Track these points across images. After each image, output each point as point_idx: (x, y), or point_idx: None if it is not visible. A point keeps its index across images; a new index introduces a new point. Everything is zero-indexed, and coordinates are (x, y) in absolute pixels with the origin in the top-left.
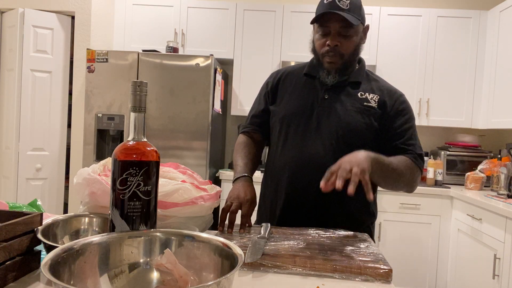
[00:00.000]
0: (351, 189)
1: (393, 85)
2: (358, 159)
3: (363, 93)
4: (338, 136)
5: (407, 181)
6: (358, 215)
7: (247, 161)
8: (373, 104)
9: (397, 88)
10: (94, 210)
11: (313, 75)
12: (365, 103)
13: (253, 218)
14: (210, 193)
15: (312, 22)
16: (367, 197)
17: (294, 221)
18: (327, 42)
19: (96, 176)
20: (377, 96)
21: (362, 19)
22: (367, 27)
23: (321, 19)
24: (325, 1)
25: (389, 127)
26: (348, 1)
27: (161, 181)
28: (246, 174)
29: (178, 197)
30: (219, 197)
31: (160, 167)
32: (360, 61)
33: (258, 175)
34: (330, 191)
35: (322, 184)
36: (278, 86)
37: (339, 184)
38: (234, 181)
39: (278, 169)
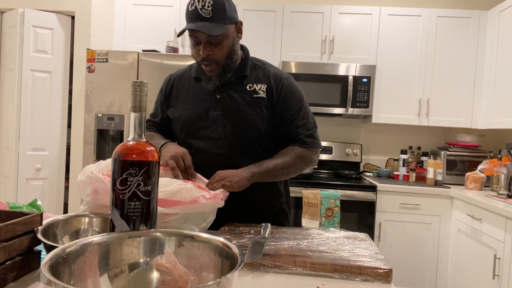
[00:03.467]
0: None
1: (278, 69)
2: (235, 173)
3: (251, 85)
4: (235, 133)
5: (301, 167)
6: (268, 200)
7: (165, 139)
8: (262, 94)
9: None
10: (95, 209)
11: (201, 77)
12: (254, 96)
13: None
14: (212, 193)
15: (178, 35)
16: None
17: None
18: (200, 51)
19: (99, 175)
20: (264, 85)
21: (229, 20)
22: (240, 23)
23: (188, 30)
24: (189, 8)
25: (280, 112)
26: (210, 8)
27: (163, 180)
28: (170, 141)
29: (180, 197)
30: (222, 199)
31: (164, 166)
32: (244, 51)
33: None
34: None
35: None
36: (171, 94)
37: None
38: (161, 147)
39: None
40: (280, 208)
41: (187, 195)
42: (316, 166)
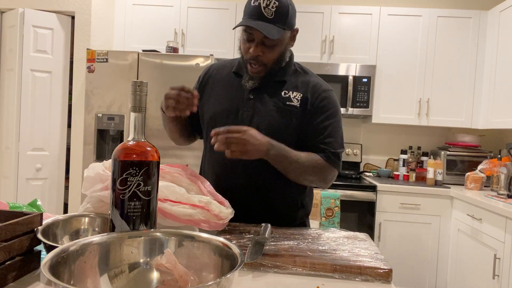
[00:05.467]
0: (218, 147)
1: (321, 79)
2: (253, 135)
3: (286, 92)
4: None
5: (315, 177)
6: (285, 211)
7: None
8: (295, 103)
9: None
10: (98, 204)
11: (241, 74)
12: (287, 102)
13: None
14: (219, 221)
15: (234, 28)
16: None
17: None
18: (250, 49)
19: (110, 174)
20: (300, 94)
21: (288, 26)
22: (296, 30)
23: (246, 27)
24: (252, 3)
25: (309, 123)
26: (274, 9)
27: (180, 190)
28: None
29: (187, 217)
30: (227, 223)
31: (169, 168)
32: (289, 57)
33: None
34: (254, 190)
35: (212, 141)
36: (207, 84)
37: (218, 145)
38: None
39: (206, 171)
40: (301, 222)
41: (195, 218)
42: None
